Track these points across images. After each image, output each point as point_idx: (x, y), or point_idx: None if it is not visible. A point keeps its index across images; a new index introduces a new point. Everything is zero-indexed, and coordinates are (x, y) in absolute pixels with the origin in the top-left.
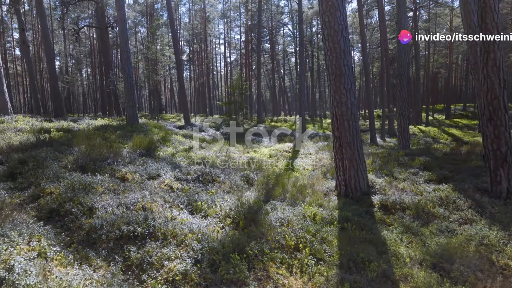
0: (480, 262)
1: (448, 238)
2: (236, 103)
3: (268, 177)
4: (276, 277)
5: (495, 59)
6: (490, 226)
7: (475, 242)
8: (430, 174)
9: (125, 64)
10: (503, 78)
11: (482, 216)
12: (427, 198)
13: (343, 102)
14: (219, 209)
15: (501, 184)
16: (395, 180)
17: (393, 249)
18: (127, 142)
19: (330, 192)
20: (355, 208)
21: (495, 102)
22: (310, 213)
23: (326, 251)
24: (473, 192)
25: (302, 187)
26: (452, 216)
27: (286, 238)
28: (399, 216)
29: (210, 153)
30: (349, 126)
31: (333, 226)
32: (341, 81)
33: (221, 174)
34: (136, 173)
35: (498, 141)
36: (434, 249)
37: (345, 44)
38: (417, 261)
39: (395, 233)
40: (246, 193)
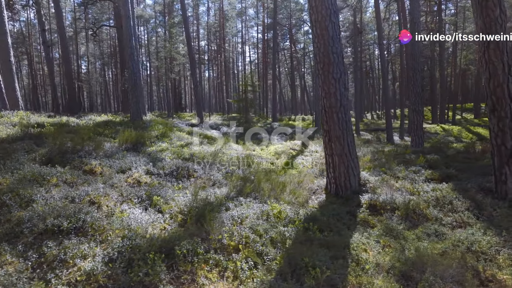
0: (460, 271)
1: (432, 243)
2: (248, 100)
3: (255, 174)
4: (202, 281)
5: (495, 41)
6: (485, 230)
7: (462, 248)
8: (433, 173)
9: (129, 60)
10: (507, 63)
11: (479, 219)
12: (422, 198)
13: (332, 93)
14: (174, 204)
15: (507, 184)
16: (392, 179)
17: (356, 253)
18: (118, 137)
19: (320, 190)
20: (337, 207)
21: (499, 90)
22: (276, 211)
23: (268, 254)
24: (475, 192)
25: (281, 184)
26: (446, 219)
27: (228, 237)
28: (386, 217)
29: (207, 150)
30: (339, 119)
31: (292, 225)
32: (329, 70)
33: (200, 169)
34: (107, 167)
35: (502, 135)
36: (410, 256)
37: (333, 30)
38: (383, 268)
39: (373, 236)
40: (215, 189)
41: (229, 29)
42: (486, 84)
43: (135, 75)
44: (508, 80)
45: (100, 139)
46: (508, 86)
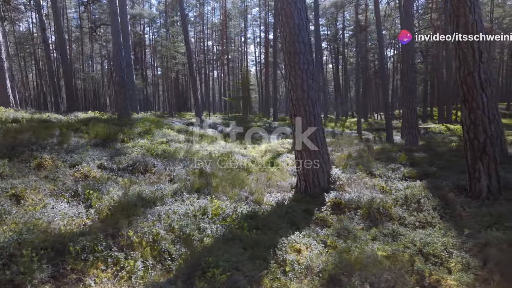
0: (399, 276)
1: (385, 245)
2: (246, 99)
3: (224, 171)
4: (89, 282)
5: (466, 24)
6: (446, 231)
7: (413, 250)
8: (411, 171)
9: (117, 57)
10: (478, 49)
11: (444, 219)
12: (392, 197)
13: (299, 85)
14: (107, 199)
15: (480, 181)
16: (367, 176)
17: (282, 254)
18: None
19: (290, 188)
20: (295, 205)
21: (469, 79)
22: (214, 208)
23: (171, 253)
24: (448, 190)
25: (241, 181)
26: (409, 218)
27: (138, 234)
28: (348, 216)
29: (187, 147)
30: (306, 112)
31: (224, 222)
32: (295, 60)
33: (161, 165)
34: (60, 160)
35: (474, 128)
36: (351, 257)
37: (299, 18)
38: (313, 271)
39: (320, 236)
40: (166, 185)
41: (232, 28)
42: (457, 72)
43: (122, 72)
44: (479, 68)
45: (70, 134)
46: (479, 74)
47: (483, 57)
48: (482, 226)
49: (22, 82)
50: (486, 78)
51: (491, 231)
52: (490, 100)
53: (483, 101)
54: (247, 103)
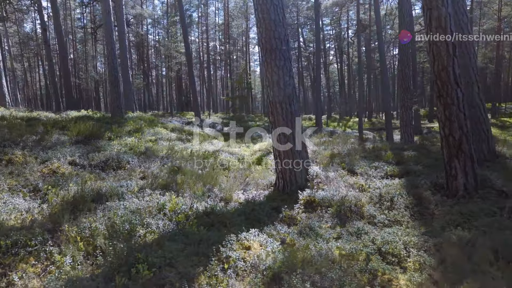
0: (347, 274)
1: (346, 243)
2: (241, 98)
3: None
4: (13, 277)
5: (439, 18)
6: (412, 230)
7: (371, 249)
8: (395, 169)
9: (110, 56)
10: (452, 43)
11: (414, 218)
12: (368, 195)
13: (275, 82)
14: (63, 194)
15: (457, 180)
16: (348, 174)
17: (225, 251)
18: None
19: (270, 186)
20: (265, 203)
21: (443, 74)
22: (171, 204)
23: (104, 249)
24: (425, 188)
25: (213, 179)
26: (380, 216)
27: (76, 230)
28: (318, 214)
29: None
30: (282, 110)
31: (176, 219)
32: (272, 57)
33: (137, 161)
34: (33, 157)
35: (450, 124)
36: (302, 256)
37: (276, 14)
38: (259, 269)
39: (281, 234)
40: (133, 181)
41: (235, 28)
42: (431, 67)
43: (115, 71)
44: (453, 62)
45: (53, 132)
46: (453, 69)
47: (457, 51)
48: (451, 225)
49: (26, 82)
50: (461, 73)
51: (456, 230)
52: (465, 96)
53: (458, 96)
54: (243, 102)
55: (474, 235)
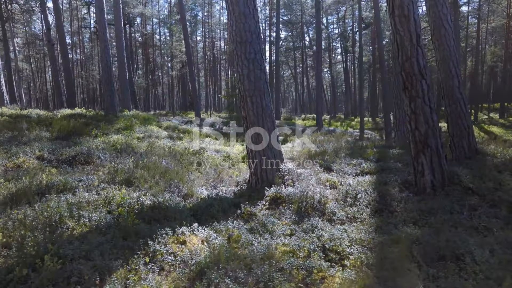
0: (277, 270)
1: (294, 240)
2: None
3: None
4: None
5: (402, 5)
6: (369, 226)
7: (315, 245)
8: (372, 166)
9: (103, 53)
10: (416, 33)
11: (373, 215)
12: (335, 192)
13: (245, 75)
14: (9, 188)
15: (424, 176)
16: (324, 172)
17: (154, 245)
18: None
19: (243, 182)
20: (226, 199)
21: (407, 65)
22: (118, 199)
23: (21, 241)
24: (394, 185)
25: (178, 175)
26: (339, 213)
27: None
28: (280, 210)
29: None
30: (253, 104)
31: (116, 213)
32: (242, 50)
33: (108, 157)
34: (2, 152)
35: (415, 118)
36: (237, 253)
37: (246, 6)
38: (188, 263)
39: (230, 229)
40: (94, 176)
41: None
42: (396, 59)
43: (109, 69)
44: (417, 53)
45: (35, 128)
46: (417, 60)
47: (420, 41)
48: (407, 222)
49: (34, 82)
50: (426, 65)
51: (407, 228)
52: (430, 88)
53: (423, 88)
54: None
55: (424, 232)
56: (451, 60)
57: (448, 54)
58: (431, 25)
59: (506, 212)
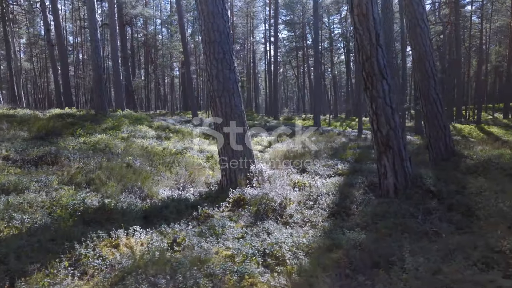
0: (205, 275)
1: (239, 244)
2: None
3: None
4: None
5: (360, 4)
6: (321, 230)
7: (255, 250)
8: (346, 167)
9: (93, 53)
10: (375, 32)
11: (329, 218)
12: (300, 194)
13: (214, 75)
14: None
15: (387, 178)
16: (297, 173)
17: (80, 248)
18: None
19: (215, 184)
20: (185, 201)
21: (367, 65)
22: (64, 199)
23: None
24: (360, 187)
25: (138, 175)
26: (296, 216)
27: None
28: (240, 213)
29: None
30: (221, 104)
31: (59, 214)
32: (210, 49)
33: (77, 158)
34: None
35: (377, 118)
36: (168, 257)
37: (214, 5)
38: (115, 267)
39: (176, 232)
40: (53, 176)
41: (239, 27)
42: (357, 58)
43: (99, 68)
44: (377, 52)
45: (16, 128)
46: (377, 59)
47: (380, 40)
48: (359, 226)
49: (36, 82)
50: (386, 64)
51: (354, 232)
52: (392, 88)
53: (384, 88)
54: None
55: (369, 238)
56: (427, 60)
57: (424, 53)
58: (407, 24)
59: (462, 216)
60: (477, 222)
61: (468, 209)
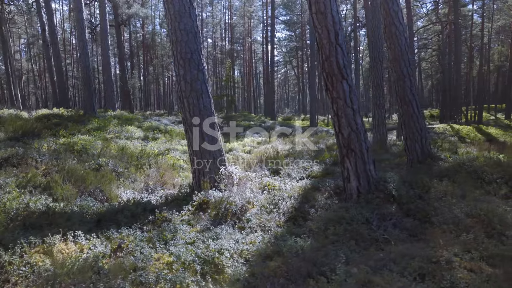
0: (135, 284)
1: (185, 250)
2: (229, 96)
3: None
4: None
5: (318, 2)
6: (270, 237)
7: (195, 256)
8: (320, 169)
9: (81, 53)
10: (334, 30)
11: (286, 223)
12: (264, 197)
13: (181, 76)
14: None
15: (350, 182)
16: (270, 175)
17: (5, 256)
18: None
19: (187, 186)
20: (146, 204)
21: (327, 64)
22: (8, 203)
23: None
24: (325, 191)
25: (100, 178)
26: (253, 221)
27: None
28: (200, 216)
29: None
30: (189, 105)
31: None
32: (177, 49)
33: (46, 159)
34: None
35: (338, 120)
36: (102, 263)
37: (181, 4)
38: (41, 275)
39: (123, 237)
40: (12, 178)
41: (238, 27)
42: (318, 58)
43: (87, 69)
44: (336, 51)
45: None
46: (337, 59)
47: (339, 39)
48: (311, 232)
49: (35, 82)
50: (347, 64)
51: (300, 239)
52: (353, 89)
53: (344, 89)
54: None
55: (312, 245)
56: (402, 59)
57: (400, 53)
58: (383, 22)
59: (418, 221)
60: (431, 229)
61: (425, 215)
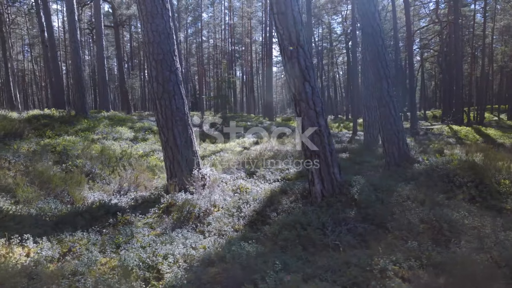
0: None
1: (135, 254)
2: (224, 97)
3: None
4: None
5: (279, 2)
6: (222, 242)
7: (139, 261)
8: (295, 171)
9: (73, 54)
10: (295, 31)
11: (243, 228)
12: (232, 200)
13: (154, 77)
14: None
15: (315, 185)
16: (245, 177)
17: None
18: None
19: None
20: (113, 207)
21: (289, 66)
22: None
23: None
24: (292, 194)
25: (67, 180)
26: (214, 224)
27: None
28: (162, 220)
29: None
30: (161, 107)
31: None
32: (150, 50)
33: (21, 160)
34: None
35: (302, 122)
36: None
37: (153, 5)
38: None
39: (75, 241)
40: None
41: (238, 27)
42: (281, 59)
43: (79, 69)
44: (298, 53)
45: None
46: (298, 61)
47: (301, 40)
48: (264, 237)
49: (36, 83)
50: (309, 66)
51: (248, 244)
52: (316, 91)
53: (307, 91)
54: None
55: (259, 251)
56: (379, 60)
57: (377, 54)
58: (360, 23)
59: (375, 227)
60: (384, 234)
61: (382, 220)
